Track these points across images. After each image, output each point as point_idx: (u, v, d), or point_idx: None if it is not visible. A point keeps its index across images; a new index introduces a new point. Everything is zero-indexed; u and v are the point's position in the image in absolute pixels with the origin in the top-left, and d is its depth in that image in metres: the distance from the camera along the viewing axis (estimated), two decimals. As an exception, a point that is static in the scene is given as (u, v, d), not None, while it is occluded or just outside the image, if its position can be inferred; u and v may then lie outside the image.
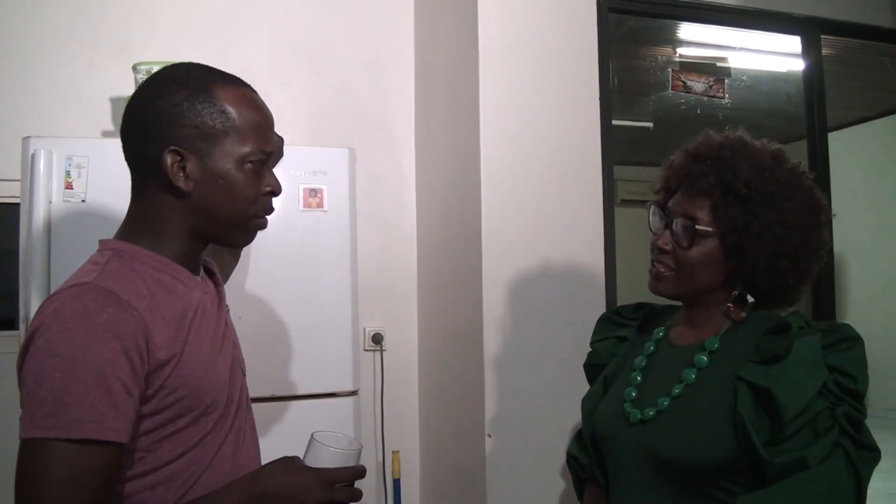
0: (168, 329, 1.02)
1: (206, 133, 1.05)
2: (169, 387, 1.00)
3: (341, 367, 2.11)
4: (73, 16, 2.59)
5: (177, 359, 1.01)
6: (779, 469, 1.05)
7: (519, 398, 2.25)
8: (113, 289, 0.98)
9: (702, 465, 1.13)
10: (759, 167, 1.21)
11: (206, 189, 1.06)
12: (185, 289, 1.09)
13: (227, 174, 1.06)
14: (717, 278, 1.23)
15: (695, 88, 2.89)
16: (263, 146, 1.09)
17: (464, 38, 2.43)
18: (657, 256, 1.27)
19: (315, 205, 2.10)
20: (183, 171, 1.04)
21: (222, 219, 1.09)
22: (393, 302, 2.85)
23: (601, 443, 1.37)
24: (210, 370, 1.07)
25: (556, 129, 2.37)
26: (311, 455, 1.06)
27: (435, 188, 2.74)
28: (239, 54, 2.63)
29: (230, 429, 1.11)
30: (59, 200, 1.89)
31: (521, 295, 2.28)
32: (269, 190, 1.12)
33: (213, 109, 1.05)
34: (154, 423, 1.00)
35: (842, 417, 1.08)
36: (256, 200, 1.10)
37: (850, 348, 1.13)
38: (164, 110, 1.04)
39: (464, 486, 2.40)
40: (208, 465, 1.06)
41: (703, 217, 1.22)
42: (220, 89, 1.07)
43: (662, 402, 1.21)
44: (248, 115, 1.08)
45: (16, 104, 2.51)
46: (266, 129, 1.11)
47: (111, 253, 1.05)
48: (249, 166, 1.07)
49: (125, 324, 0.95)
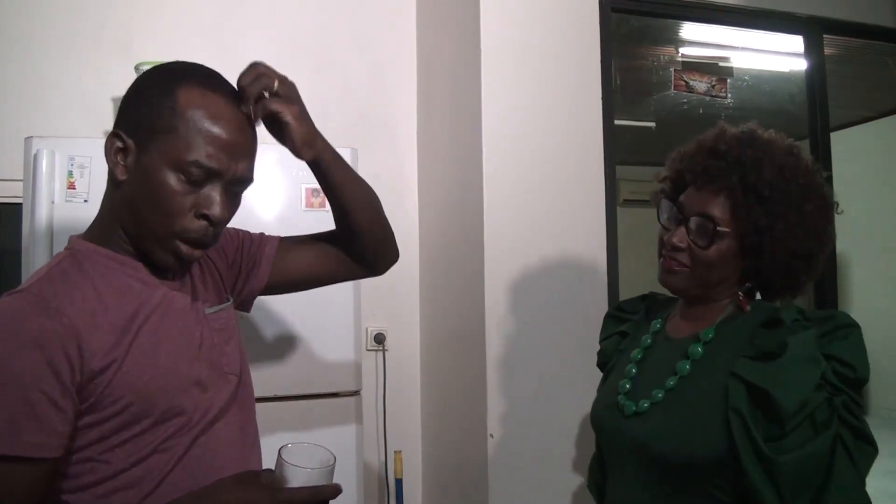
0: (109, 335, 0.95)
1: (149, 126, 0.98)
2: (112, 395, 0.94)
3: (343, 367, 2.11)
4: (76, 16, 2.59)
5: (117, 365, 0.95)
6: (786, 467, 1.04)
7: (521, 398, 2.25)
8: (45, 295, 0.93)
9: (692, 461, 1.12)
10: (780, 167, 1.19)
11: (135, 185, 0.99)
12: (142, 287, 1.02)
13: (156, 174, 0.97)
14: (730, 276, 1.22)
15: (697, 88, 2.89)
16: (206, 160, 0.98)
17: (466, 38, 2.43)
18: (671, 253, 1.24)
19: (317, 204, 2.10)
20: (124, 160, 0.99)
21: (142, 225, 1.00)
22: (395, 302, 2.85)
23: (596, 433, 1.37)
24: (166, 374, 1.00)
25: (558, 129, 2.37)
26: (278, 471, 0.99)
27: (437, 188, 2.74)
28: (241, 54, 2.61)
29: (202, 432, 1.03)
30: (62, 200, 1.89)
31: (523, 294, 2.28)
32: (202, 213, 1.00)
33: (165, 104, 0.98)
34: (102, 431, 0.95)
35: (840, 407, 1.07)
36: (182, 217, 0.99)
37: (846, 336, 1.12)
38: (127, 95, 1.02)
39: (466, 485, 2.40)
40: (171, 471, 0.99)
41: (722, 216, 1.19)
42: (185, 88, 0.99)
43: (657, 395, 1.21)
44: (201, 122, 0.98)
45: (18, 104, 2.51)
46: (219, 145, 0.99)
47: (66, 253, 1.02)
48: (183, 177, 0.97)
49: (50, 332, 0.90)
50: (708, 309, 1.26)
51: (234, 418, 1.11)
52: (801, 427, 1.05)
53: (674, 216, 1.26)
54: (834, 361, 1.09)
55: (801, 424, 1.05)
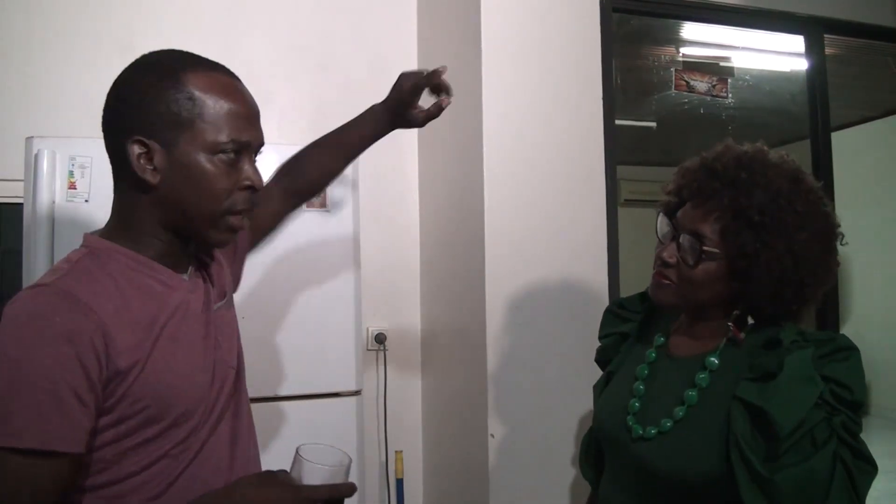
0: (134, 334, 0.95)
1: (172, 121, 0.97)
2: (132, 396, 0.94)
3: (344, 367, 2.12)
4: (76, 15, 2.59)
5: (140, 366, 0.95)
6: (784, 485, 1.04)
7: (522, 398, 2.25)
8: (74, 291, 0.92)
9: (692, 481, 1.13)
10: (775, 192, 1.16)
11: (174, 182, 0.99)
12: (164, 289, 1.03)
13: (195, 165, 0.98)
14: (719, 297, 1.22)
15: (698, 88, 2.89)
16: (237, 135, 1.01)
17: (466, 37, 2.43)
18: (660, 267, 1.25)
19: (318, 204, 2.10)
20: (150, 163, 0.98)
21: (192, 214, 1.01)
22: (396, 301, 2.85)
23: (601, 440, 1.37)
24: (183, 379, 1.01)
25: (559, 129, 2.37)
26: (296, 470, 1.00)
27: (438, 188, 2.74)
28: (242, 54, 2.63)
29: (210, 434, 1.05)
30: (62, 200, 1.90)
31: (524, 294, 2.28)
32: (247, 184, 1.03)
33: (180, 96, 0.98)
34: (117, 433, 0.95)
35: (839, 427, 1.07)
36: (231, 195, 1.02)
37: (845, 359, 1.12)
38: (130, 98, 0.99)
39: (467, 485, 2.40)
40: (180, 475, 1.00)
41: (712, 237, 1.19)
42: (189, 74, 0.99)
43: (665, 424, 1.20)
44: (220, 102, 1.00)
45: (19, 104, 2.52)
46: (241, 117, 1.02)
47: (86, 251, 1.01)
48: (221, 157, 1.00)
49: (81, 328, 0.90)
50: (708, 327, 1.25)
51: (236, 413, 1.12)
52: (800, 445, 1.05)
53: (669, 231, 1.26)
54: (832, 383, 1.09)
55: (799, 442, 1.05)
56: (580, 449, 1.52)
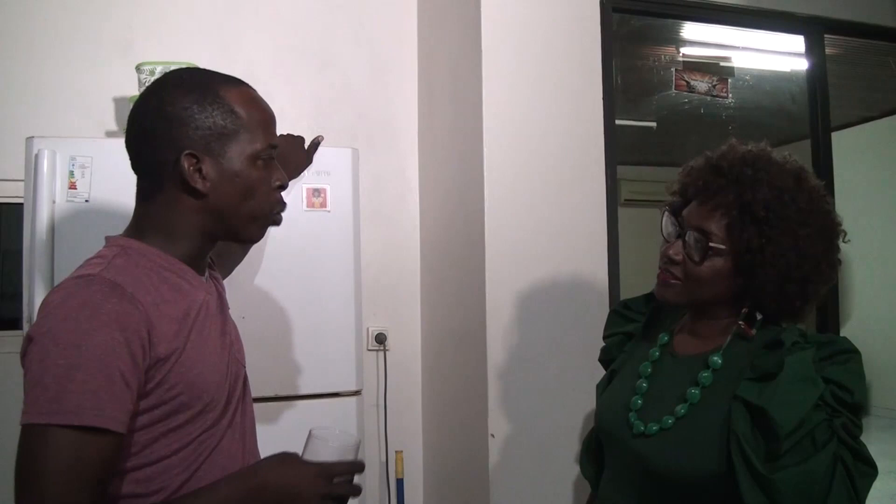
0: (171, 325, 1.03)
1: (219, 134, 1.08)
2: (168, 382, 1.01)
3: (344, 367, 2.11)
4: (76, 16, 2.59)
5: (177, 355, 1.02)
6: (783, 484, 1.04)
7: (522, 398, 2.25)
8: (118, 281, 0.99)
9: (692, 479, 1.13)
10: (779, 189, 1.18)
11: (224, 189, 1.09)
12: (190, 288, 1.10)
13: (242, 172, 1.10)
14: (725, 294, 1.23)
15: (698, 88, 2.89)
16: (271, 140, 1.14)
17: (467, 37, 2.43)
18: (666, 265, 1.26)
19: (318, 205, 2.10)
20: (199, 173, 1.07)
21: (241, 216, 1.12)
22: (396, 301, 2.85)
23: (602, 436, 1.38)
24: (210, 370, 1.09)
25: (559, 129, 2.37)
26: (310, 450, 1.08)
27: (438, 188, 2.74)
28: (242, 54, 2.64)
29: (228, 425, 1.13)
30: (63, 200, 1.89)
31: (524, 294, 2.28)
32: (278, 184, 1.16)
33: (223, 110, 1.08)
34: (151, 418, 1.01)
35: (840, 428, 1.07)
36: (273, 194, 1.15)
37: (846, 361, 1.12)
38: (175, 115, 1.06)
39: (467, 485, 2.40)
40: (204, 461, 1.07)
41: (718, 233, 1.20)
42: (224, 90, 1.10)
43: (667, 421, 1.21)
44: (254, 113, 1.12)
45: (19, 104, 2.52)
46: (270, 124, 1.15)
47: (118, 249, 1.07)
48: (260, 162, 1.11)
49: (129, 316, 0.96)
50: (712, 326, 1.26)
51: (244, 411, 1.20)
52: (801, 445, 1.05)
53: (674, 230, 1.27)
54: (833, 385, 1.09)
55: (800, 442, 1.05)
56: (581, 447, 1.52)
